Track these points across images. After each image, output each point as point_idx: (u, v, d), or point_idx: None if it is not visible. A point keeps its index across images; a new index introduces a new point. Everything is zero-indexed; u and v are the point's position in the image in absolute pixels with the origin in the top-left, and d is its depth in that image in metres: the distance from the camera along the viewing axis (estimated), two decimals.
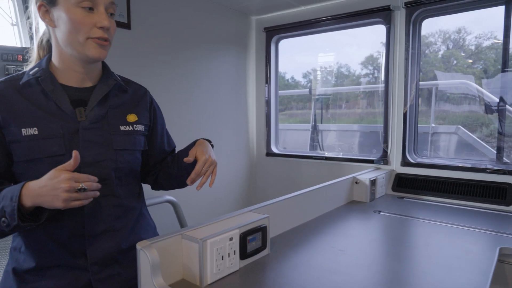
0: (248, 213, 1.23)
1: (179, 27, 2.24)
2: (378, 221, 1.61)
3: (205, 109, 2.45)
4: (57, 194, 0.81)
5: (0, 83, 0.97)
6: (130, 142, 1.07)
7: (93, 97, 1.01)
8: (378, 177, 2.02)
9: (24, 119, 0.93)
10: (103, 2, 0.96)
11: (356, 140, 3.58)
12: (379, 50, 4.08)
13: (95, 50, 0.95)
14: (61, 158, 0.93)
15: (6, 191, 0.86)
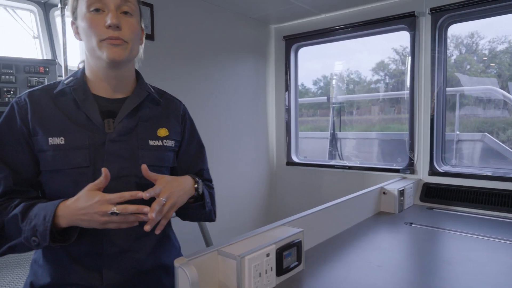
0: (281, 227, 1.19)
1: (200, 36, 2.24)
2: (411, 233, 1.55)
3: (225, 118, 2.44)
4: (93, 219, 0.79)
5: (37, 90, 0.98)
6: (157, 158, 1.02)
7: (124, 108, 0.99)
8: (406, 187, 1.95)
9: (52, 128, 0.92)
10: (113, 1, 0.91)
11: (377, 149, 3.51)
12: (390, 56, 4.04)
13: (108, 51, 0.91)
14: (85, 170, 0.92)
15: (39, 208, 0.84)
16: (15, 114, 0.93)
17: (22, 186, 0.91)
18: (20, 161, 0.91)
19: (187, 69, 2.17)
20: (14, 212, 0.84)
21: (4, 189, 0.89)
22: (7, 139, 0.92)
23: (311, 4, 2.30)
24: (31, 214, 0.83)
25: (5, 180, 0.89)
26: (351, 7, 2.35)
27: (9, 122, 0.92)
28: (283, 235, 1.09)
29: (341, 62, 3.69)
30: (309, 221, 1.35)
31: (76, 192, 0.87)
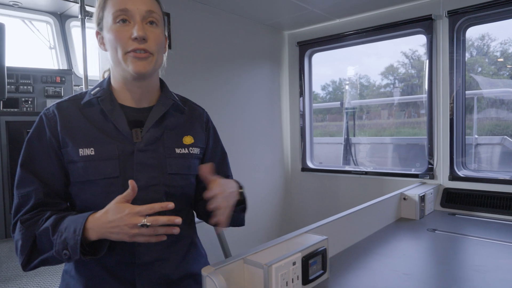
0: (305, 234, 1.17)
1: (215, 44, 2.25)
2: (435, 240, 1.51)
3: (240, 124, 2.44)
4: (123, 231, 0.78)
5: (65, 102, 0.98)
6: (185, 166, 1.02)
7: (150, 117, 0.99)
8: (427, 193, 1.92)
9: (82, 139, 0.92)
10: (139, 12, 0.91)
11: (392, 154, 3.46)
12: (399, 59, 4.00)
13: (133, 65, 0.90)
14: (115, 181, 0.91)
15: (70, 221, 0.84)
16: (44, 126, 0.93)
17: (52, 198, 0.91)
18: (50, 173, 0.91)
19: (203, 77, 2.18)
20: (45, 225, 0.84)
21: (35, 201, 0.89)
22: (37, 151, 0.92)
23: (326, 10, 2.29)
24: (62, 227, 0.83)
25: (35, 193, 0.89)
26: (365, 11, 2.34)
27: (39, 134, 0.93)
28: (308, 242, 1.07)
29: (354, 67, 3.67)
30: (331, 228, 1.33)
31: (106, 202, 0.87)
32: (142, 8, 0.92)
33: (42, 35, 3.84)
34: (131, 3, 0.91)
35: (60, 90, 3.37)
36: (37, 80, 3.31)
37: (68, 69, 3.64)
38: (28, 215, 0.88)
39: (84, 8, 1.58)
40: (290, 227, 2.83)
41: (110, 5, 0.92)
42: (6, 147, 2.76)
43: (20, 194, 0.90)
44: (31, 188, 0.89)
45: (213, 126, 1.18)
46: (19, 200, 0.90)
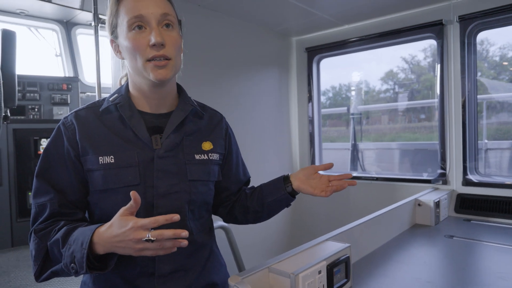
0: (327, 242, 1.15)
1: (224, 49, 2.25)
2: (454, 247, 1.49)
3: (249, 130, 2.42)
4: (128, 246, 0.75)
5: (83, 110, 0.96)
6: (204, 173, 1.00)
7: (170, 123, 0.97)
8: (441, 198, 1.89)
9: (102, 147, 0.91)
10: (154, 17, 0.88)
11: (401, 159, 3.44)
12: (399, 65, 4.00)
13: (155, 73, 0.88)
14: (135, 189, 0.88)
15: (79, 233, 0.81)
16: (62, 135, 0.92)
17: (68, 208, 0.90)
18: (66, 182, 0.90)
19: (211, 82, 2.18)
20: (56, 236, 0.82)
21: (50, 211, 0.88)
22: (53, 161, 0.90)
23: (335, 16, 2.30)
24: (71, 239, 0.80)
25: (50, 203, 0.88)
26: (374, 17, 2.34)
27: (56, 143, 0.92)
28: (331, 250, 1.05)
29: (359, 73, 3.67)
30: (350, 235, 1.30)
31: None
32: (157, 12, 0.89)
33: (48, 43, 3.86)
34: (145, 8, 0.88)
35: (67, 97, 3.37)
36: (44, 87, 3.31)
37: (75, 77, 3.64)
38: (42, 225, 0.87)
39: (98, 15, 1.58)
40: (301, 234, 2.80)
41: (124, 12, 0.90)
42: (13, 154, 2.74)
43: (37, 204, 0.89)
44: (46, 198, 0.88)
45: (231, 132, 1.17)
46: (36, 210, 0.89)
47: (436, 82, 2.15)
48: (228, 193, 1.15)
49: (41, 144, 2.86)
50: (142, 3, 0.89)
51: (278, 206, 1.13)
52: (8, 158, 2.72)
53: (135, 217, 0.77)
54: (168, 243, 0.74)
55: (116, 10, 0.93)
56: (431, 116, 3.69)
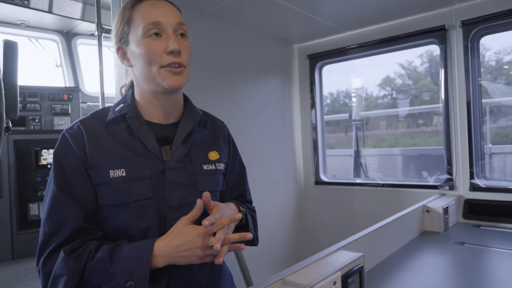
0: (339, 251, 1.13)
1: (227, 57, 2.24)
2: (467, 254, 1.46)
3: (252, 137, 2.40)
4: (194, 254, 0.76)
5: (88, 119, 0.93)
6: (213, 183, 0.98)
7: (178, 134, 0.95)
8: (449, 204, 1.87)
9: (111, 160, 0.87)
10: (170, 25, 0.88)
11: (405, 165, 3.42)
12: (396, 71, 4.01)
13: (169, 79, 0.87)
14: (149, 202, 0.86)
15: (131, 249, 0.78)
16: (71, 144, 0.86)
17: (90, 223, 0.84)
18: (84, 193, 0.85)
19: (214, 90, 2.16)
20: (100, 255, 0.77)
21: (74, 227, 0.80)
22: (69, 170, 0.85)
23: (337, 22, 2.30)
24: (122, 257, 0.76)
25: (73, 217, 0.81)
26: (376, 23, 2.35)
27: (65, 153, 0.86)
28: (344, 260, 1.03)
29: (359, 79, 3.67)
30: (361, 243, 1.28)
31: (140, 226, 0.82)
32: (173, 20, 0.89)
33: (48, 53, 3.85)
34: (162, 16, 0.88)
35: (68, 107, 3.35)
36: (45, 98, 3.29)
37: (75, 87, 3.63)
38: (70, 246, 0.79)
39: (101, 25, 1.57)
40: (306, 242, 2.77)
41: (139, 19, 0.89)
42: (14, 166, 2.71)
43: (54, 220, 0.80)
44: (68, 212, 0.81)
45: (233, 140, 1.15)
46: (51, 228, 0.80)
47: (440, 87, 2.14)
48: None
49: (42, 155, 2.83)
50: (159, 11, 0.89)
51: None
52: (9, 169, 2.69)
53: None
54: (231, 247, 0.78)
55: (129, 17, 0.91)
56: (429, 121, 3.70)
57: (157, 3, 0.91)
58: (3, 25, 3.39)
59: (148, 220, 0.84)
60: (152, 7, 0.89)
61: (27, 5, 3.10)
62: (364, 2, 1.99)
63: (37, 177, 2.79)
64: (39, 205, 2.80)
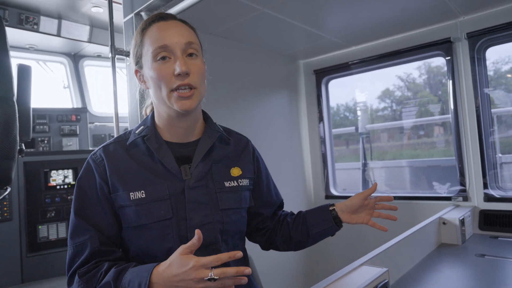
0: (362, 266, 1.11)
1: (234, 74, 2.27)
2: (490, 267, 1.43)
3: (261, 153, 2.40)
4: (188, 286, 0.73)
5: (111, 144, 0.95)
6: (236, 200, 0.98)
7: (197, 152, 0.96)
8: (465, 216, 1.85)
9: (132, 182, 0.89)
10: (178, 46, 0.89)
11: (414, 177, 3.40)
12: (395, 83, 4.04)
13: (179, 103, 0.88)
14: (169, 222, 0.87)
15: (132, 275, 0.78)
16: (93, 171, 0.90)
17: (108, 246, 0.87)
18: (103, 219, 0.88)
19: (222, 107, 2.18)
20: (106, 279, 0.79)
21: (91, 251, 0.84)
22: (88, 198, 0.88)
23: (343, 38, 2.33)
24: (125, 282, 0.78)
25: (91, 242, 0.85)
26: (381, 38, 2.38)
27: (88, 180, 0.90)
28: (369, 276, 1.01)
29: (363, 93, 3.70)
30: (383, 258, 1.26)
31: (162, 246, 0.83)
32: (181, 41, 0.89)
33: (56, 76, 3.91)
34: (169, 38, 0.89)
35: (76, 128, 3.38)
36: (53, 119, 3.33)
37: (83, 107, 3.67)
38: (85, 268, 0.83)
39: (114, 46, 1.60)
40: (317, 257, 2.73)
41: (149, 43, 0.91)
42: (24, 188, 2.72)
43: (75, 244, 0.85)
44: (86, 236, 0.85)
45: (259, 155, 1.16)
46: (73, 250, 0.85)
47: (449, 98, 2.15)
48: (261, 218, 1.12)
49: (51, 176, 2.83)
50: (167, 33, 0.89)
51: (323, 236, 1.11)
52: (19, 191, 2.69)
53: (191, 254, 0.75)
54: (229, 280, 0.72)
55: (141, 41, 0.94)
56: (430, 132, 3.71)
57: (165, 25, 0.92)
58: (13, 49, 3.46)
59: (169, 241, 0.85)
60: (160, 30, 0.90)
61: (36, 30, 3.18)
62: (368, 18, 2.02)
63: (46, 198, 2.79)
64: (48, 227, 2.79)
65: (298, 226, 1.09)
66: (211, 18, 1.88)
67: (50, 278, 2.71)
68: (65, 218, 2.85)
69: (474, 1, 1.87)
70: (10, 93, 1.77)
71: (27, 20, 3.06)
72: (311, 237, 1.08)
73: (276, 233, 1.12)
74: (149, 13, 1.63)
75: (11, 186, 2.65)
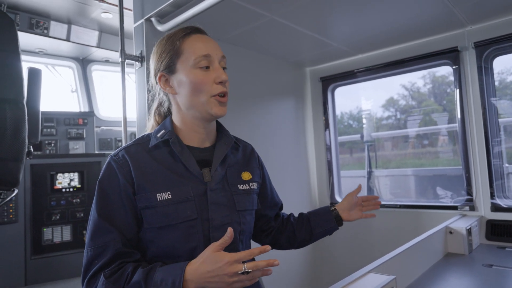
0: (369, 274, 1.10)
1: (241, 81, 2.29)
2: (498, 277, 1.42)
3: (267, 159, 2.38)
4: (222, 280, 0.77)
5: (132, 146, 0.97)
6: (249, 202, 1.04)
7: (216, 157, 1.00)
8: (472, 225, 1.83)
9: (158, 183, 0.91)
10: (217, 58, 0.98)
11: (419, 186, 3.38)
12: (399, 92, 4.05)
13: (217, 108, 0.95)
14: (193, 223, 0.90)
15: (164, 273, 0.80)
16: (116, 172, 0.91)
17: (128, 247, 0.88)
18: (124, 220, 0.89)
19: (230, 112, 2.18)
20: (135, 279, 0.80)
21: (114, 252, 0.84)
22: (111, 198, 0.90)
23: (349, 45, 2.35)
24: (156, 280, 0.79)
25: (114, 243, 0.85)
26: (388, 46, 2.39)
27: (110, 181, 0.91)
28: (377, 284, 1.00)
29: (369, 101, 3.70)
30: (390, 266, 1.25)
31: (187, 246, 0.85)
32: (219, 54, 0.99)
33: (64, 79, 3.96)
34: (211, 49, 0.97)
35: (82, 132, 3.41)
36: (60, 122, 3.36)
37: (90, 111, 3.70)
38: (109, 269, 0.83)
39: (124, 51, 1.62)
40: (322, 264, 2.71)
41: (191, 51, 0.96)
42: (30, 190, 2.73)
43: (95, 246, 0.85)
44: (108, 237, 0.85)
45: (262, 160, 1.23)
46: (94, 252, 0.85)
47: (456, 107, 2.15)
48: (266, 219, 1.19)
49: (57, 179, 2.85)
50: (209, 45, 0.98)
51: (324, 235, 1.21)
52: (25, 194, 2.71)
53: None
54: (258, 273, 0.78)
55: (180, 47, 0.97)
56: (434, 141, 3.70)
57: (205, 38, 1.00)
58: (22, 53, 3.49)
59: (194, 240, 0.87)
60: (202, 41, 0.98)
61: (46, 34, 3.22)
62: (375, 26, 2.04)
63: (51, 201, 2.80)
64: (53, 230, 2.80)
65: (303, 227, 1.20)
66: (220, 24, 1.91)
67: (54, 281, 2.71)
68: (70, 221, 2.86)
69: (481, 10, 1.88)
70: (20, 96, 1.79)
71: (38, 24, 3.11)
72: (314, 236, 1.20)
73: (281, 233, 1.21)
74: (159, 19, 1.66)
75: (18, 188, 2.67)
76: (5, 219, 2.59)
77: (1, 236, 2.54)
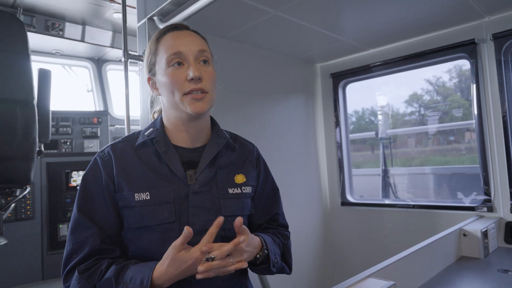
0: (368, 279, 1.05)
1: (250, 78, 2.26)
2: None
3: (276, 158, 2.37)
4: (193, 273, 0.79)
5: (119, 143, 0.97)
6: (238, 207, 0.98)
7: (204, 158, 0.96)
8: (489, 228, 1.74)
9: (137, 183, 0.90)
10: (191, 53, 0.92)
11: (437, 185, 3.26)
12: (423, 87, 3.89)
13: (192, 106, 0.90)
14: (171, 226, 0.88)
15: (134, 271, 0.80)
16: (100, 168, 0.91)
17: (108, 245, 0.88)
18: (105, 216, 0.89)
19: (239, 112, 2.17)
20: (107, 276, 0.80)
21: (91, 248, 0.85)
22: (93, 194, 0.89)
23: (360, 40, 2.27)
24: (126, 278, 0.79)
25: (92, 239, 0.85)
26: (400, 40, 2.30)
27: (94, 176, 0.91)
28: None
29: (385, 97, 3.59)
30: (392, 271, 1.19)
31: (163, 249, 0.83)
32: (194, 49, 0.93)
33: (81, 79, 4.05)
34: (183, 45, 0.92)
35: (97, 130, 3.48)
36: (76, 121, 3.44)
37: (104, 110, 3.78)
38: (84, 265, 0.84)
39: (127, 51, 1.63)
40: (333, 265, 2.65)
41: (163, 50, 0.94)
42: (46, 188, 2.81)
43: (75, 240, 0.86)
44: (87, 233, 0.86)
45: (263, 161, 1.14)
46: (72, 246, 0.86)
47: (472, 103, 2.04)
48: (257, 225, 1.11)
49: (72, 177, 2.92)
50: (181, 41, 0.93)
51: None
52: (41, 191, 2.79)
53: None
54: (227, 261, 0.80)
55: (155, 49, 0.97)
56: (461, 138, 3.54)
57: (179, 34, 0.96)
58: (40, 54, 3.62)
59: (170, 244, 0.84)
60: (174, 38, 0.94)
61: (61, 35, 3.30)
62: (386, 19, 1.96)
63: (67, 198, 2.88)
64: (68, 226, 2.88)
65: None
66: (223, 21, 1.88)
67: None
68: None
69: (500, 0, 1.76)
70: (31, 97, 1.83)
71: (53, 26, 3.19)
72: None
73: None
74: (161, 17, 1.65)
75: (34, 186, 2.75)
76: (23, 216, 2.68)
77: (19, 232, 2.63)
